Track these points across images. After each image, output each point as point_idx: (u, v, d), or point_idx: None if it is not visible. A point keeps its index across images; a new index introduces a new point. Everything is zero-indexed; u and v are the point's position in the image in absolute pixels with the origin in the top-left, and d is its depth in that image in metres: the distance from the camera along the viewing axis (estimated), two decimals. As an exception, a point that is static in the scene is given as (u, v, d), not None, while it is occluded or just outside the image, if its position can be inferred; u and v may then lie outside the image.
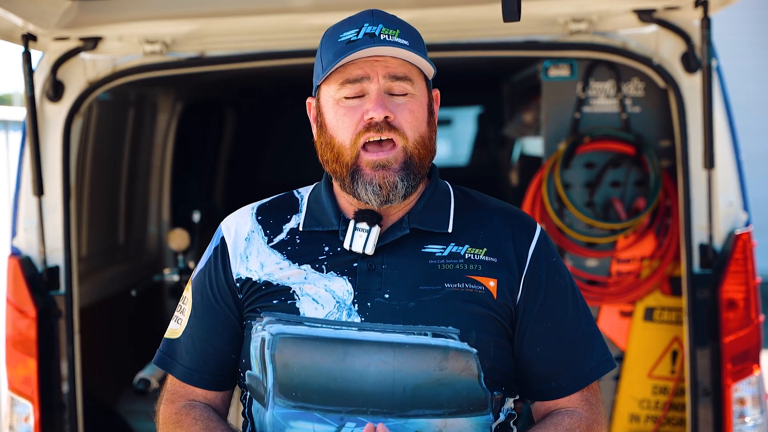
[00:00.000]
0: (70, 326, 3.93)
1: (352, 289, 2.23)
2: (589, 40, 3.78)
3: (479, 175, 7.60)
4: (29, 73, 3.73)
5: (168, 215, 5.82)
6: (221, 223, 2.43)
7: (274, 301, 2.26)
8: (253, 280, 2.30)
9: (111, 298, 5.06)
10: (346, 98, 2.22)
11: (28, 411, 3.84)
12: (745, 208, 3.79)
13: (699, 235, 3.75)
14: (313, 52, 2.36)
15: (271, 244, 2.32)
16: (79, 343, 3.98)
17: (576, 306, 2.34)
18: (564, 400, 2.31)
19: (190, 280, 2.43)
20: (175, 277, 5.17)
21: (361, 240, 2.24)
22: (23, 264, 3.86)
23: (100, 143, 4.79)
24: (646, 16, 3.67)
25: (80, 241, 4.62)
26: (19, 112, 7.20)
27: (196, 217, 5.57)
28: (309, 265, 2.27)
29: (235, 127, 6.89)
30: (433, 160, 2.33)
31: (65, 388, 3.92)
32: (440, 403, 2.19)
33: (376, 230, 2.25)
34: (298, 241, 2.31)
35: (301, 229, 2.33)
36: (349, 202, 2.31)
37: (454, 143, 9.45)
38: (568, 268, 2.69)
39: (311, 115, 2.34)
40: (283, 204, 2.41)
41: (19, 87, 17.66)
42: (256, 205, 2.43)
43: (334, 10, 3.54)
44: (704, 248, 3.74)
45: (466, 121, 9.24)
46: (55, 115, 3.90)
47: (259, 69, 4.29)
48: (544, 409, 2.33)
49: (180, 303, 2.43)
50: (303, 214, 2.35)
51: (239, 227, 2.37)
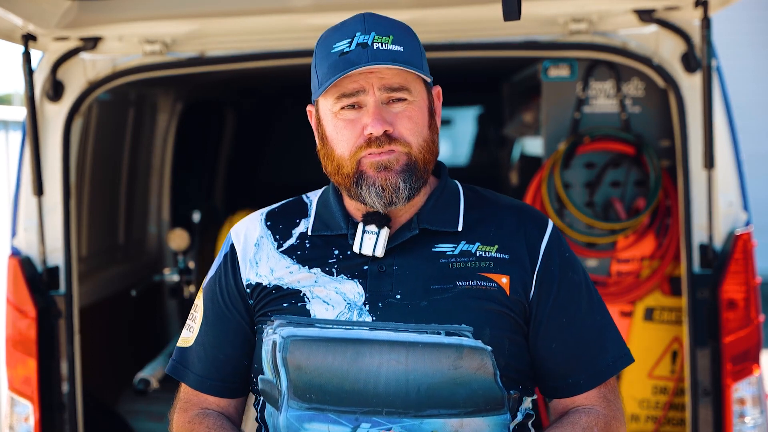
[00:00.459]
0: (70, 326, 3.93)
1: (363, 292, 2.22)
2: (589, 40, 3.78)
3: (479, 175, 7.57)
4: (29, 73, 3.73)
5: (168, 215, 5.82)
6: (231, 230, 2.43)
7: (285, 305, 2.25)
8: (263, 284, 2.29)
9: (111, 298, 5.05)
10: (343, 109, 2.20)
11: (28, 411, 3.84)
12: (745, 208, 3.78)
13: (699, 235, 3.75)
14: (312, 52, 2.36)
15: (280, 249, 2.31)
16: (79, 343, 3.98)
17: (590, 301, 2.31)
18: (581, 397, 2.28)
19: (201, 288, 2.42)
20: (175, 277, 5.16)
21: (371, 243, 2.23)
22: (23, 264, 3.86)
23: (100, 143, 4.79)
24: (646, 16, 3.66)
25: (80, 241, 4.62)
26: (19, 112, 7.20)
27: (196, 217, 5.56)
28: (319, 269, 2.26)
29: (235, 127, 6.88)
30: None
31: (65, 388, 3.92)
32: (456, 403, 2.18)
33: (385, 232, 2.24)
34: (308, 246, 2.30)
35: (310, 233, 2.32)
36: (356, 207, 2.30)
37: (454, 143, 9.43)
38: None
39: (312, 123, 2.33)
40: (292, 209, 2.40)
41: (19, 87, 17.68)
42: (265, 210, 2.42)
43: (334, 10, 3.53)
44: (704, 248, 3.73)
45: (466, 121, 9.23)
46: (55, 115, 3.90)
47: (259, 69, 4.29)
48: (562, 407, 2.31)
49: (191, 311, 2.42)
50: (312, 219, 2.34)
51: (249, 233, 2.37)
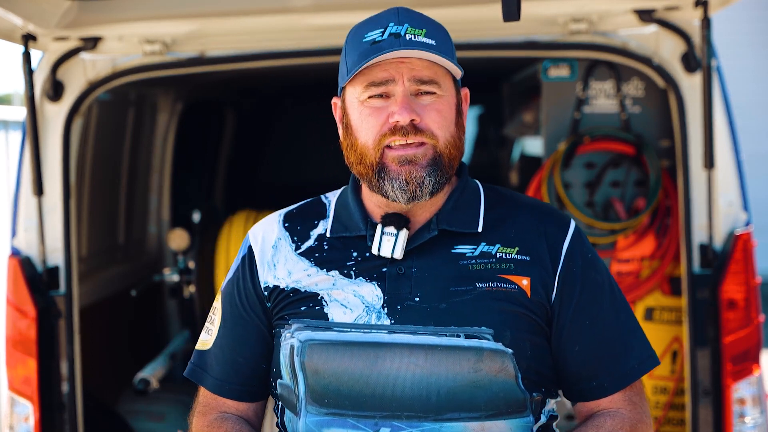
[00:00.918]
0: (70, 326, 3.92)
1: (382, 294, 2.19)
2: (589, 40, 3.77)
3: (479, 176, 7.56)
4: (29, 73, 3.72)
5: (168, 215, 5.82)
6: (249, 232, 2.40)
7: (302, 308, 2.23)
8: (281, 287, 2.27)
9: (111, 298, 5.05)
10: (371, 98, 2.18)
11: (28, 411, 3.84)
12: (745, 208, 3.78)
13: (699, 235, 3.74)
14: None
15: (298, 251, 2.29)
16: (79, 343, 3.98)
17: (614, 302, 2.27)
18: (606, 400, 2.24)
19: (219, 290, 2.40)
20: (175, 277, 5.15)
21: (390, 244, 2.21)
22: (23, 264, 3.86)
23: (100, 143, 4.78)
24: (646, 16, 3.66)
25: (80, 241, 4.62)
26: (19, 112, 7.20)
27: (196, 217, 5.56)
28: (337, 271, 2.23)
29: (235, 127, 6.88)
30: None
31: (65, 388, 3.92)
32: (477, 406, 2.14)
33: (404, 234, 2.21)
34: (326, 248, 2.28)
35: (328, 235, 2.29)
36: (376, 204, 2.27)
37: (454, 143, 9.42)
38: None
39: (337, 115, 2.31)
40: (310, 210, 2.37)
41: (19, 87, 17.67)
42: (283, 212, 2.39)
43: (334, 10, 3.54)
44: (704, 248, 3.73)
45: (466, 121, 9.22)
46: (55, 115, 3.90)
47: (259, 69, 4.29)
48: (587, 411, 2.27)
49: (210, 314, 2.40)
50: (330, 220, 2.32)
51: (266, 235, 2.34)
